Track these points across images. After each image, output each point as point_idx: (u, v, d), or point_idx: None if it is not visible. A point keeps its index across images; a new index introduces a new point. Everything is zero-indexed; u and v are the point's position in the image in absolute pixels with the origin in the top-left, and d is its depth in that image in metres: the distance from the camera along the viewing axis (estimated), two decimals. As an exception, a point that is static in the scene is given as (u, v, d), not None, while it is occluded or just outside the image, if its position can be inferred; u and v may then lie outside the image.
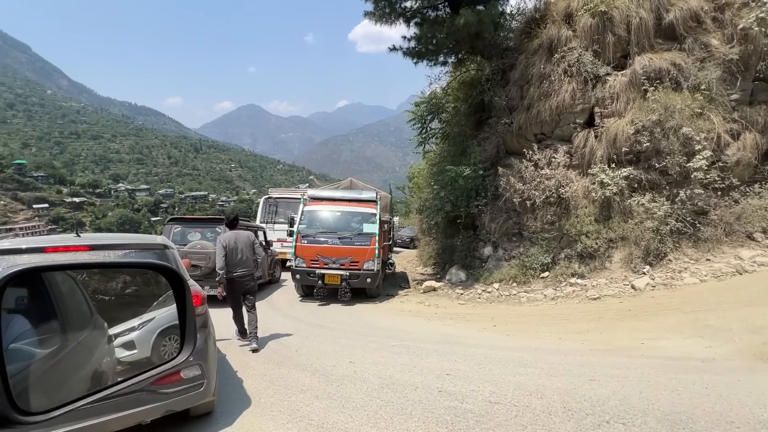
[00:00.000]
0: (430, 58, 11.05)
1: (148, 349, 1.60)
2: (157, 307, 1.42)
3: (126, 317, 1.23)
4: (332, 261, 8.53)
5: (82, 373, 0.81)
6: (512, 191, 8.97)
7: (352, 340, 5.50)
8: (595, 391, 3.26)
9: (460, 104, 12.23)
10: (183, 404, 2.69)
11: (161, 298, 1.35)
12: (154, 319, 1.60)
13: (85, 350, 0.82)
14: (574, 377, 3.60)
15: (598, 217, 8.01)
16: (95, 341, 0.91)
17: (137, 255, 2.69)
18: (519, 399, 3.22)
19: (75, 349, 0.77)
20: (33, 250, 2.56)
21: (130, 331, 1.42)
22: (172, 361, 0.70)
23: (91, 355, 0.85)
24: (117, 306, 1.04)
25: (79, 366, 0.80)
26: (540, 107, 8.92)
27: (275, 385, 3.79)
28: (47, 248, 2.58)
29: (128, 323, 1.32)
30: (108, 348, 1.00)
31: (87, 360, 0.83)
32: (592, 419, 2.80)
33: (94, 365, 0.89)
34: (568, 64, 8.64)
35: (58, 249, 2.61)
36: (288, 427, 2.92)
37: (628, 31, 8.33)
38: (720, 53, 7.58)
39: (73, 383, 0.74)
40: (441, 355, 4.52)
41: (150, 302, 1.39)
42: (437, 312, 7.70)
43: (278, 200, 14.38)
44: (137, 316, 1.40)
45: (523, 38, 9.96)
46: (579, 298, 7.11)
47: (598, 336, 5.05)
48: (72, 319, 0.79)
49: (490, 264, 9.59)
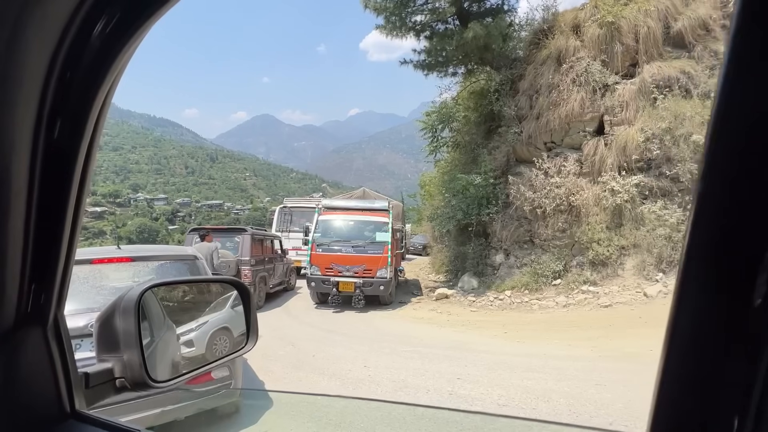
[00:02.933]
0: (440, 69, 11.32)
1: (203, 347, 1.85)
2: (210, 312, 1.67)
3: (186, 320, 1.47)
4: (346, 269, 8.75)
5: (167, 361, 1.05)
6: (523, 199, 9.08)
7: (366, 345, 5.69)
8: (601, 395, 3.38)
9: (471, 113, 12.43)
10: (213, 403, 2.93)
11: (212, 304, 1.60)
12: (208, 322, 1.85)
13: (165, 345, 1.05)
14: (581, 382, 3.71)
15: (610, 224, 8.05)
16: (170, 339, 1.14)
17: (174, 265, 2.98)
18: (526, 402, 3.36)
19: (159, 344, 1.00)
20: (81, 262, 2.86)
21: (190, 332, 1.67)
22: (242, 349, 0.92)
23: (168, 348, 1.08)
24: (179, 311, 1.28)
25: (165, 355, 1.04)
26: (549, 116, 9.06)
27: (294, 387, 4.01)
28: (94, 260, 2.88)
29: (188, 325, 1.56)
30: (177, 344, 1.23)
31: (167, 352, 1.06)
32: (596, 422, 2.93)
33: (172, 356, 1.13)
34: (577, 73, 8.77)
35: (104, 260, 2.90)
36: (308, 426, 3.13)
37: (636, 40, 8.44)
38: (730, 61, 7.60)
39: (164, 368, 0.98)
40: (452, 361, 4.67)
41: (204, 308, 1.64)
42: (449, 319, 7.82)
43: (293, 209, 14.74)
44: (194, 320, 1.65)
45: (532, 49, 10.14)
46: (591, 305, 7.16)
47: (608, 343, 5.13)
48: (155, 321, 1.02)
49: (502, 271, 9.68)
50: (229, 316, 1.67)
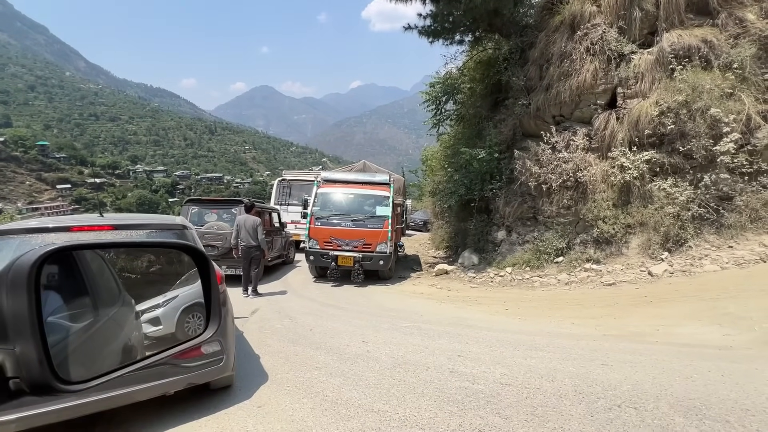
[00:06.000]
0: (447, 36, 10.74)
1: (172, 326, 1.67)
2: (180, 285, 1.48)
3: (151, 295, 1.28)
4: (345, 243, 8.62)
5: (114, 346, 0.86)
6: (528, 175, 8.81)
7: (364, 320, 5.60)
8: (607, 375, 3.27)
9: (477, 85, 11.93)
10: (204, 378, 2.81)
11: (184, 276, 1.40)
12: (178, 297, 1.67)
13: (115, 325, 0.87)
14: (587, 361, 3.60)
15: (617, 202, 7.82)
16: (124, 317, 0.96)
17: (160, 234, 2.78)
18: (530, 381, 3.25)
19: (106, 324, 0.81)
20: (60, 229, 2.66)
21: (156, 308, 1.48)
22: (199, 337, 0.73)
23: (121, 329, 0.90)
24: (143, 284, 1.09)
25: (110, 339, 0.84)
26: (560, 88, 8.64)
27: (290, 362, 3.91)
28: (73, 227, 2.68)
29: (153, 300, 1.37)
30: (136, 323, 1.05)
31: (117, 334, 0.88)
32: (603, 403, 2.81)
33: (124, 339, 0.94)
34: (591, 41, 8.28)
35: (83, 228, 2.70)
36: (303, 402, 3.03)
37: (656, 5, 7.91)
38: (756, 29, 7.13)
39: (107, 355, 0.79)
40: (452, 337, 4.57)
41: (173, 281, 1.44)
42: (449, 295, 7.74)
43: (292, 182, 14.50)
44: (162, 294, 1.46)
45: (544, 15, 9.56)
46: (594, 283, 7.04)
47: (612, 321, 5.02)
48: (102, 296, 0.83)
49: (504, 248, 9.54)
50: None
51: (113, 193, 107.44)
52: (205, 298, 0.75)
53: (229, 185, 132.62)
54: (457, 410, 2.83)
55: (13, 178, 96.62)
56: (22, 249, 0.47)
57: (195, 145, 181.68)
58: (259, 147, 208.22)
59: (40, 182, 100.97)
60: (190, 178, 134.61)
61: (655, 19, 8.02)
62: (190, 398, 3.01)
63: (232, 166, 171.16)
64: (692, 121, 7.13)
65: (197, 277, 1.30)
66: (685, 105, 7.17)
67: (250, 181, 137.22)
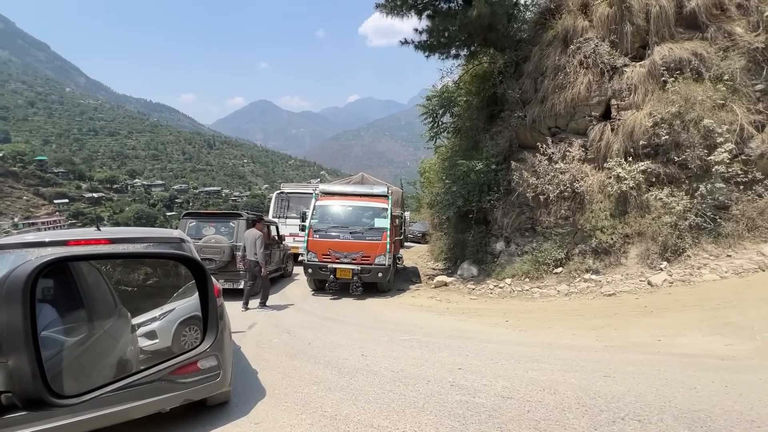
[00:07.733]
0: (442, 51, 10.91)
1: (169, 339, 1.64)
2: (177, 298, 1.46)
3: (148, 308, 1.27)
4: (344, 255, 8.58)
5: (109, 360, 0.84)
6: (525, 186, 8.86)
7: (363, 333, 5.54)
8: (610, 387, 3.22)
9: (473, 98, 12.09)
10: (200, 394, 2.76)
11: (181, 289, 1.38)
12: (175, 310, 1.64)
13: (110, 339, 0.85)
14: (589, 373, 3.56)
15: (614, 212, 7.86)
16: (120, 330, 0.94)
17: (157, 247, 2.76)
18: (532, 394, 3.20)
19: (101, 338, 0.79)
20: (56, 243, 2.65)
21: (152, 321, 1.46)
22: (194, 350, 0.72)
23: (116, 343, 0.88)
24: (139, 297, 1.08)
25: (105, 353, 0.83)
26: (554, 100, 8.76)
27: (289, 377, 3.85)
28: (70, 241, 2.66)
29: (150, 313, 1.35)
30: (132, 337, 1.03)
31: (113, 348, 0.86)
32: (606, 415, 2.77)
33: (120, 353, 0.92)
34: (584, 55, 8.44)
35: (80, 242, 2.69)
36: (302, 418, 2.97)
37: (647, 20, 8.09)
38: (744, 42, 7.30)
39: (101, 370, 0.77)
40: (453, 350, 4.52)
41: (170, 293, 1.43)
42: (449, 307, 7.69)
43: (290, 195, 14.50)
44: (158, 307, 1.44)
45: (538, 29, 9.76)
46: (593, 294, 7.01)
47: (613, 332, 4.98)
48: (98, 309, 0.82)
49: (502, 259, 9.52)
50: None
51: (111, 208, 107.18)
52: (202, 311, 0.74)
53: (227, 198, 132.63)
54: (458, 425, 2.78)
55: (11, 193, 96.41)
56: (17, 263, 0.46)
57: (194, 159, 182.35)
58: (258, 160, 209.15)
59: (38, 197, 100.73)
60: (188, 192, 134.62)
61: (645, 33, 8.20)
62: (186, 415, 2.95)
63: (231, 180, 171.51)
64: (686, 131, 7.23)
65: (194, 289, 1.29)
66: (678, 116, 7.27)
67: (248, 194, 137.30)
